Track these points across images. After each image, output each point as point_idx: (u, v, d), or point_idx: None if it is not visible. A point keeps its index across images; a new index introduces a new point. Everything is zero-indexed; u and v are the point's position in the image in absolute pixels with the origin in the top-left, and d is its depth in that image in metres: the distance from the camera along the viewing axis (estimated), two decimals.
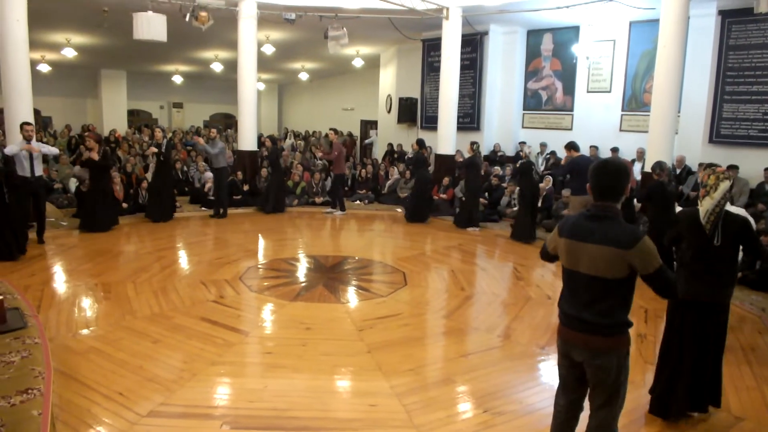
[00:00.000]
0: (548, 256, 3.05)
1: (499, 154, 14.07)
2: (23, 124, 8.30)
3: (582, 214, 2.77)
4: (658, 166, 7.29)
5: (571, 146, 9.01)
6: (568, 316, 2.77)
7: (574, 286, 2.75)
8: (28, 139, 8.18)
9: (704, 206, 3.63)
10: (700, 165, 9.93)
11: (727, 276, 3.70)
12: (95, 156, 9.26)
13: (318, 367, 4.59)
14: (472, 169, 10.63)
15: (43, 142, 11.37)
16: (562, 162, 10.02)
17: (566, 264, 2.79)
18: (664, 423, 3.79)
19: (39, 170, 8.41)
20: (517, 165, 10.10)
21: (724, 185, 3.59)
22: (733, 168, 9.76)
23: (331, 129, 12.78)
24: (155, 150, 10.44)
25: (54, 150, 9.18)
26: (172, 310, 5.81)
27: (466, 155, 10.95)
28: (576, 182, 8.65)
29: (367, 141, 20.49)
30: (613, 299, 2.65)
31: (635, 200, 8.49)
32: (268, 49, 15.10)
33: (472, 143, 10.64)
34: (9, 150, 7.96)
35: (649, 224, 7.33)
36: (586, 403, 2.90)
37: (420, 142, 11.70)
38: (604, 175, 2.69)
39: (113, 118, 22.84)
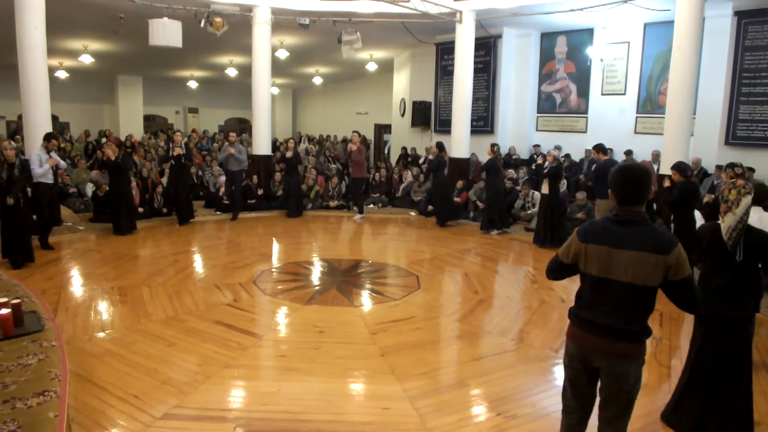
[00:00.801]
0: (560, 270, 2.89)
1: (513, 157, 14.01)
2: (51, 137, 8.55)
3: (608, 219, 2.69)
4: (687, 167, 6.88)
5: (599, 149, 8.90)
6: (591, 323, 2.69)
7: (603, 294, 2.66)
8: (49, 151, 8.41)
9: (726, 222, 3.49)
10: (717, 167, 9.82)
11: (750, 289, 3.59)
12: (111, 156, 9.44)
13: (331, 370, 4.60)
14: (492, 171, 10.52)
15: (59, 147, 11.59)
16: (594, 165, 9.79)
17: (595, 271, 2.67)
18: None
19: (56, 177, 8.66)
20: (546, 170, 9.84)
21: (746, 200, 3.44)
22: (749, 170, 9.62)
23: (354, 132, 12.73)
24: (181, 151, 10.55)
25: (62, 164, 9.33)
26: (187, 313, 5.85)
27: (483, 158, 10.81)
28: (604, 187, 8.52)
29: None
30: (643, 306, 2.62)
31: (656, 204, 8.20)
32: (282, 54, 15.19)
33: (493, 145, 10.53)
34: (40, 173, 8.17)
35: (676, 229, 6.89)
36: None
37: (440, 145, 11.55)
38: (629, 180, 2.64)
39: (129, 124, 23.06)
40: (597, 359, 2.70)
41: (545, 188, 9.60)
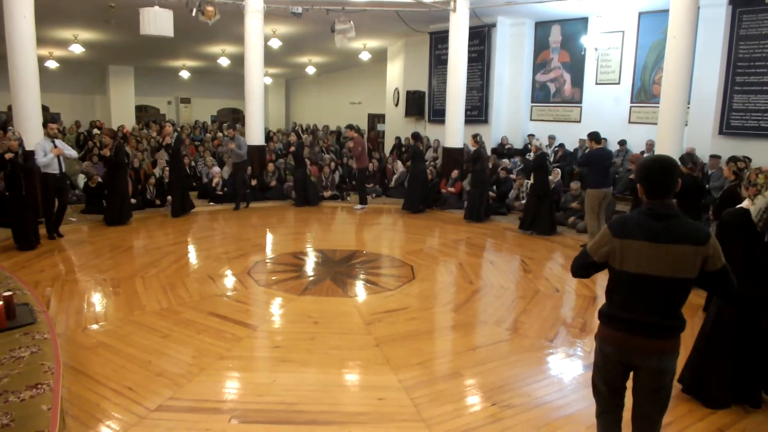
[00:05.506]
0: (588, 268, 2.76)
1: (506, 146, 14.01)
2: (48, 123, 8.62)
3: (642, 213, 2.61)
4: (690, 159, 6.83)
5: (592, 137, 8.89)
6: (631, 322, 2.62)
7: (641, 291, 2.59)
8: (53, 137, 8.44)
9: (757, 204, 3.74)
10: (711, 157, 9.85)
11: None
12: (107, 152, 9.46)
13: (326, 360, 4.59)
14: (478, 162, 10.55)
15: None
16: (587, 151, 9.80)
17: (633, 268, 2.58)
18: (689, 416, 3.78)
19: (64, 167, 8.64)
20: (531, 158, 9.89)
21: None
22: (746, 159, 9.63)
23: (347, 127, 12.61)
24: (170, 141, 10.51)
25: (73, 153, 9.29)
26: (181, 305, 5.83)
27: (471, 148, 10.90)
28: (593, 176, 8.54)
29: None
30: (680, 299, 2.60)
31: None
32: (275, 44, 15.09)
33: (475, 135, 10.58)
34: (44, 162, 8.20)
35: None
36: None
37: (415, 136, 11.83)
38: (662, 173, 2.58)
39: (121, 114, 22.89)
40: (638, 358, 2.64)
41: (532, 178, 9.75)
